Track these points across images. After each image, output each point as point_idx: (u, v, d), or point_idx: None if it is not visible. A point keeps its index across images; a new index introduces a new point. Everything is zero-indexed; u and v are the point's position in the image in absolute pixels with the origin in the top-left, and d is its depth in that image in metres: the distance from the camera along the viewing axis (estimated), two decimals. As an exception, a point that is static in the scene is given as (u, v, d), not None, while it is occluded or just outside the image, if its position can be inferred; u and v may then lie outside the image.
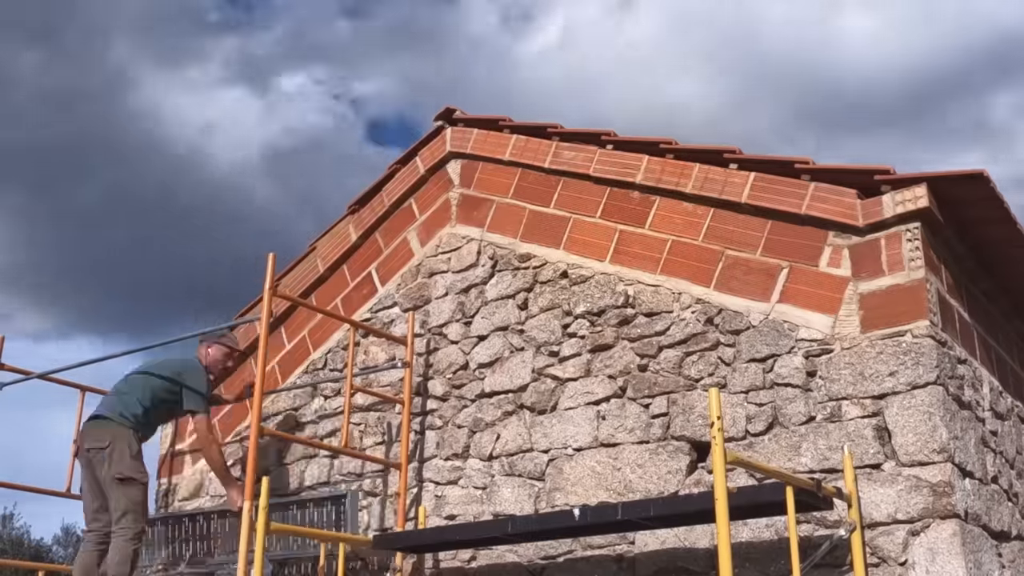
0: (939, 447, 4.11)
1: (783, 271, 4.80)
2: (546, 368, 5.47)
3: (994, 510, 4.46)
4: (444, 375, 5.94)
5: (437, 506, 5.66)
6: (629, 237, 5.41)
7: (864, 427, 4.33)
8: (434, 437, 5.85)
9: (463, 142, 6.41)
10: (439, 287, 6.21)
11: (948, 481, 4.05)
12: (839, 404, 4.43)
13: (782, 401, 4.59)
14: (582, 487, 5.10)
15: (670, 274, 5.17)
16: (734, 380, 4.77)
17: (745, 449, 4.60)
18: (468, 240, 6.18)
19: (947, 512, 4.01)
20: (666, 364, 5.02)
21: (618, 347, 5.22)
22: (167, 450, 7.34)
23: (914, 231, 4.45)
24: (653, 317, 5.15)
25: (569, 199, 5.76)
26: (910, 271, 4.41)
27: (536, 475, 5.31)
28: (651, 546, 4.77)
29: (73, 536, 22.43)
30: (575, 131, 5.83)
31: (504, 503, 5.38)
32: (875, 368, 4.37)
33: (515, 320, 5.72)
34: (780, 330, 4.70)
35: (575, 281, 5.53)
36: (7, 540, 20.18)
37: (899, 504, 4.13)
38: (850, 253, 4.61)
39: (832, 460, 4.35)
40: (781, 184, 4.86)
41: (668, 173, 5.30)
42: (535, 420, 5.41)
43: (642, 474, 4.91)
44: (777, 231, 4.87)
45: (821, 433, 4.43)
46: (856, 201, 4.61)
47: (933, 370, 4.22)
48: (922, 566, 4.00)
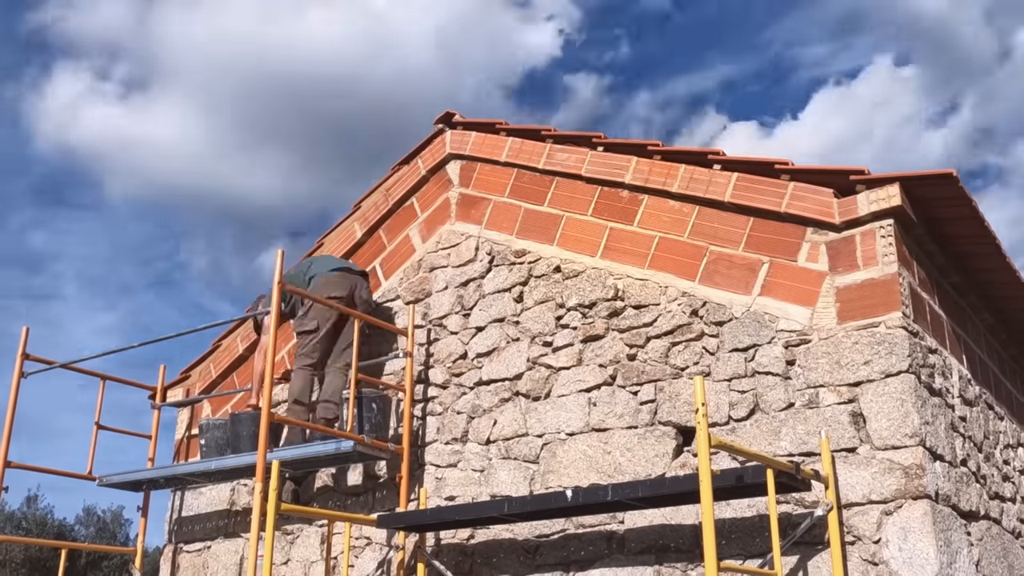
0: (911, 432, 4.11)
1: (764, 266, 4.79)
2: (540, 357, 5.46)
3: (963, 491, 4.45)
4: (444, 364, 5.94)
5: (438, 488, 5.65)
6: (619, 234, 5.40)
7: (840, 413, 4.32)
8: (435, 423, 5.84)
9: (462, 144, 6.39)
10: (439, 281, 6.20)
11: (919, 464, 4.05)
12: (817, 391, 4.42)
13: (763, 388, 4.59)
14: (574, 469, 5.10)
15: (657, 269, 5.16)
16: (718, 369, 4.76)
17: (728, 434, 4.59)
18: (467, 237, 6.16)
19: (918, 493, 4.01)
20: (653, 354, 5.02)
21: (608, 338, 5.21)
22: (183, 434, 7.33)
23: (887, 228, 4.44)
24: (641, 309, 5.14)
25: (562, 198, 5.75)
26: (883, 266, 4.41)
27: (531, 458, 5.30)
28: (639, 525, 4.76)
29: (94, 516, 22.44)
30: (568, 134, 5.82)
31: (501, 485, 5.38)
32: (851, 357, 4.37)
33: (511, 312, 5.72)
34: (761, 321, 4.69)
35: (568, 275, 5.52)
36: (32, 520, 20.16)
37: (873, 486, 4.13)
38: (827, 249, 4.60)
39: (810, 444, 4.35)
40: (762, 184, 4.86)
41: (655, 173, 5.29)
42: (530, 406, 5.40)
43: (631, 457, 4.91)
44: (758, 228, 4.87)
45: (800, 419, 4.43)
46: (833, 200, 4.60)
47: (905, 359, 4.22)
48: (895, 544, 4.00)
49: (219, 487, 6.81)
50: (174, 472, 6.42)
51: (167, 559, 7.02)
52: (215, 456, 6.19)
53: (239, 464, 5.90)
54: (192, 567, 6.79)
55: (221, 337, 7.31)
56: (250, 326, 6.95)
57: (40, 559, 18.00)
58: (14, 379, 6.46)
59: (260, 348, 6.37)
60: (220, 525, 6.74)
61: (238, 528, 6.57)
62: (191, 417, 7.32)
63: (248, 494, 6.59)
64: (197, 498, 6.96)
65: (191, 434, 7.23)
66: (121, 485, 6.75)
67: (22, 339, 6.52)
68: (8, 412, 6.38)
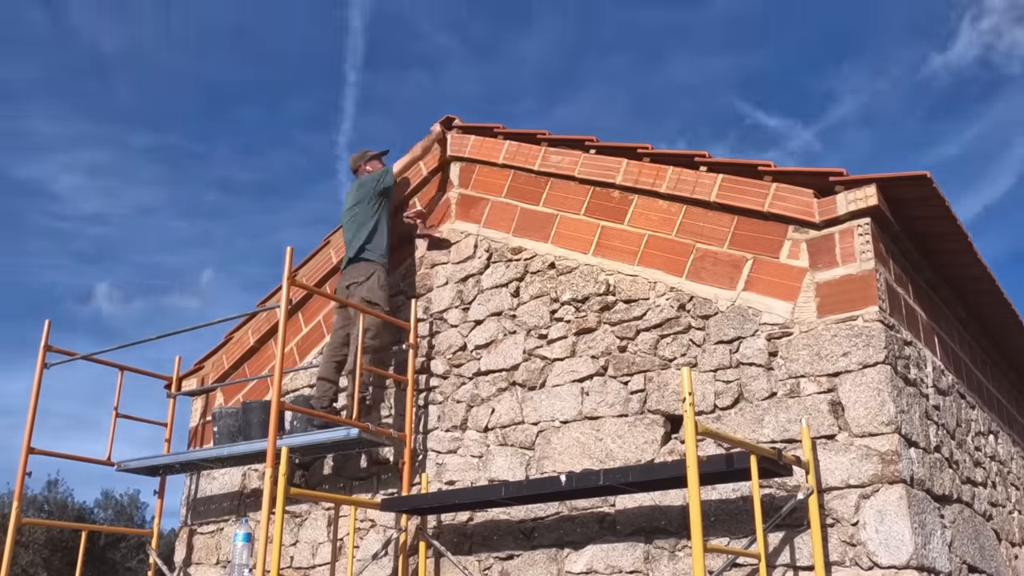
0: (887, 420, 4.10)
1: (748, 262, 4.78)
2: (536, 349, 5.45)
3: (936, 476, 4.45)
4: (444, 355, 5.92)
5: (438, 473, 5.64)
6: (610, 232, 5.39)
7: (820, 402, 4.32)
8: (436, 411, 5.83)
9: (461, 147, 6.38)
10: (440, 277, 6.19)
11: (895, 450, 4.04)
12: (798, 381, 4.42)
13: (747, 379, 4.58)
14: (568, 456, 5.09)
15: (647, 265, 5.15)
16: (704, 360, 4.76)
17: (714, 422, 4.59)
18: (466, 235, 6.15)
19: (894, 478, 4.01)
20: (643, 346, 5.01)
21: (600, 330, 5.21)
22: (198, 422, 7.32)
23: (865, 227, 4.43)
24: (631, 304, 5.13)
25: (556, 198, 5.73)
26: (861, 262, 4.40)
27: (527, 445, 5.30)
28: (630, 508, 4.76)
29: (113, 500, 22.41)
30: (561, 137, 5.80)
31: (498, 470, 5.37)
32: (830, 349, 4.36)
33: (508, 306, 5.71)
34: (745, 315, 4.69)
35: (562, 271, 5.51)
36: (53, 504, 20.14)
37: (851, 471, 4.12)
38: (807, 246, 4.59)
39: (791, 431, 4.34)
40: (746, 184, 4.85)
41: (645, 175, 5.28)
42: (526, 396, 5.40)
43: (622, 444, 4.90)
44: (742, 227, 4.86)
45: (782, 407, 4.42)
46: (813, 200, 4.59)
47: (882, 351, 4.21)
48: (872, 526, 4.00)
49: (231, 472, 6.80)
50: (189, 458, 6.41)
51: (182, 540, 7.01)
52: (227, 442, 6.17)
53: (250, 450, 5.89)
54: (206, 547, 6.78)
55: (233, 330, 7.29)
56: (259, 320, 6.92)
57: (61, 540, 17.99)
58: (37, 370, 6.45)
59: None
60: (232, 507, 6.73)
61: (249, 510, 6.56)
62: (205, 405, 7.31)
63: (258, 479, 6.58)
64: (210, 482, 6.96)
65: (205, 421, 7.22)
66: (139, 470, 6.74)
67: (44, 331, 6.51)
68: (31, 402, 6.37)
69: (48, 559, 18.01)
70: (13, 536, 6.17)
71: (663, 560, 4.56)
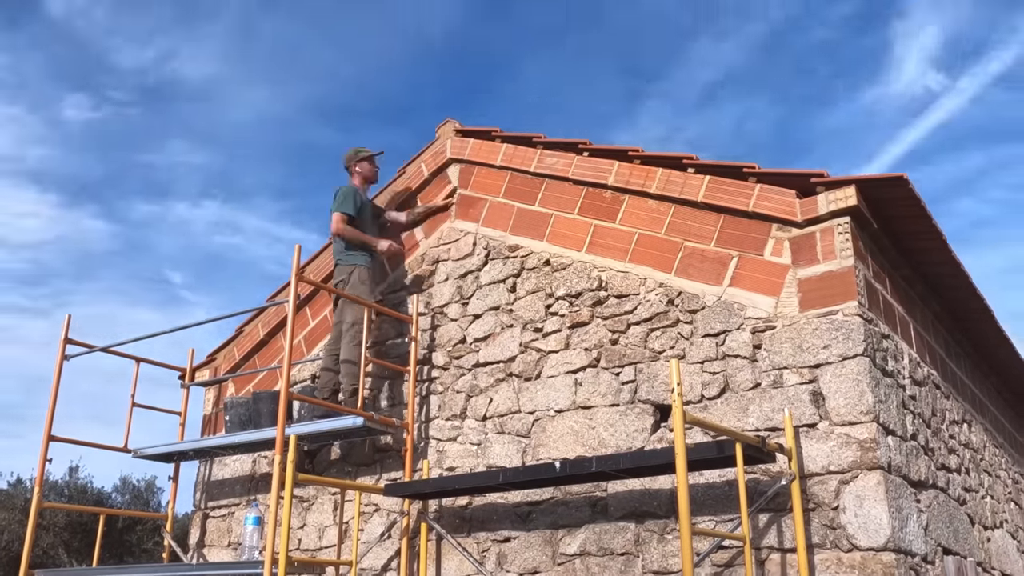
0: (866, 409, 4.11)
1: (733, 260, 4.78)
2: (532, 342, 5.45)
3: (913, 463, 4.46)
4: (445, 348, 5.92)
5: (439, 459, 5.64)
6: (602, 231, 5.38)
7: (802, 392, 4.32)
8: (436, 401, 5.83)
9: (461, 150, 6.37)
10: (440, 273, 6.18)
11: (873, 438, 4.05)
12: (781, 373, 4.42)
13: (732, 370, 4.58)
14: (562, 443, 5.09)
15: (637, 262, 5.15)
16: (691, 352, 4.75)
17: (701, 411, 4.59)
18: (465, 233, 6.14)
19: (872, 464, 4.01)
20: (634, 339, 5.01)
21: (593, 324, 5.20)
22: (211, 411, 7.31)
23: (844, 225, 4.43)
24: (623, 299, 5.13)
25: (551, 198, 5.73)
26: (841, 259, 4.40)
27: (523, 433, 5.30)
28: (621, 492, 4.76)
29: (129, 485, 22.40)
30: (556, 140, 5.80)
31: (496, 457, 5.37)
32: (811, 342, 4.36)
33: (505, 301, 5.70)
34: (731, 310, 4.69)
35: (556, 268, 5.50)
36: (73, 488, 20.13)
37: (832, 458, 4.13)
38: (790, 244, 4.59)
39: (775, 420, 4.34)
40: (731, 185, 4.84)
41: (635, 176, 5.28)
42: (522, 386, 5.39)
43: (613, 432, 4.90)
44: (728, 225, 4.85)
45: (765, 397, 4.42)
46: (795, 200, 4.59)
47: (861, 344, 4.21)
48: (851, 510, 4.00)
49: (242, 458, 6.79)
50: (202, 445, 6.40)
51: (195, 523, 7.01)
52: (238, 431, 6.17)
53: (260, 438, 5.88)
54: (218, 530, 6.78)
55: (244, 324, 7.29)
56: (268, 314, 6.93)
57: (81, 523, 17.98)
58: (57, 362, 6.44)
59: (342, 229, 6.09)
60: (243, 492, 6.72)
61: (259, 495, 6.56)
62: (217, 395, 7.31)
63: (268, 465, 6.58)
64: (222, 468, 6.95)
65: (217, 410, 7.21)
66: (154, 457, 6.73)
67: (64, 325, 6.50)
68: (52, 392, 6.36)
69: (68, 541, 18.00)
70: (35, 519, 6.16)
71: (652, 542, 4.56)
